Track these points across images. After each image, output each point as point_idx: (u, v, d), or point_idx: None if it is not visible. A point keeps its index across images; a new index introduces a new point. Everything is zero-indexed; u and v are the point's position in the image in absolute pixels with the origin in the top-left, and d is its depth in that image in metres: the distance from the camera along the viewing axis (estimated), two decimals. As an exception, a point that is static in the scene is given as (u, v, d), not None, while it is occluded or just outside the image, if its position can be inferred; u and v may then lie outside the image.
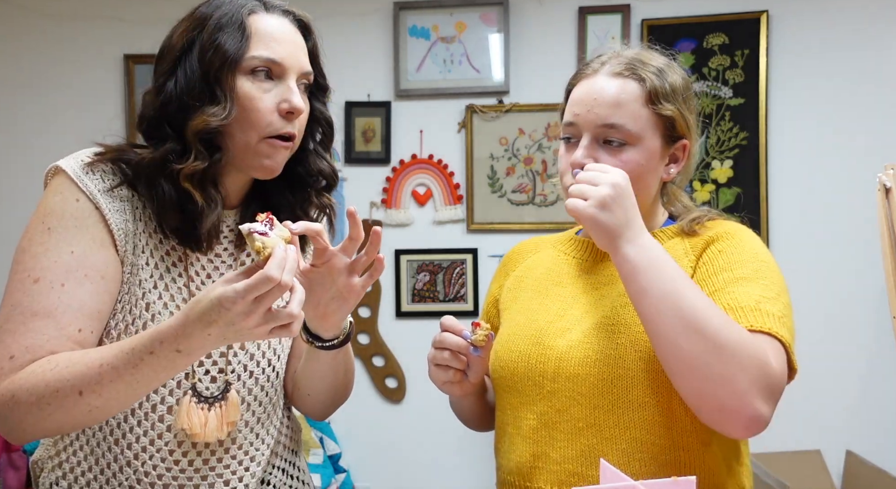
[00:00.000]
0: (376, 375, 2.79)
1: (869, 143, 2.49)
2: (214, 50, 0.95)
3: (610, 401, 1.02)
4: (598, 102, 1.05)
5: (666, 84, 1.07)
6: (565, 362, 1.05)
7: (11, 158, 2.87)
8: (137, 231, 0.99)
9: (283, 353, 1.11)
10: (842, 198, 2.52)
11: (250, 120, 0.97)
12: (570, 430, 1.04)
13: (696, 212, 1.14)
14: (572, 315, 1.10)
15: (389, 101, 2.75)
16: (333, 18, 2.76)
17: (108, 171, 0.98)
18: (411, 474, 2.75)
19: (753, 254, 1.04)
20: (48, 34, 2.84)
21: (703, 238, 1.09)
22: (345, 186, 2.77)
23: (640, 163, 1.05)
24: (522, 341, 1.11)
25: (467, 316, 2.72)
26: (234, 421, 1.02)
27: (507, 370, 1.11)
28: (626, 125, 1.04)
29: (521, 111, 2.69)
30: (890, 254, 1.20)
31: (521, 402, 1.10)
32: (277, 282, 0.79)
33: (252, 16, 0.98)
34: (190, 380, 1.01)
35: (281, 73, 0.98)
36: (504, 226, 2.71)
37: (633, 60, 1.08)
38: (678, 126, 1.08)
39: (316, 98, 1.08)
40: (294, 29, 1.02)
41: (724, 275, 1.02)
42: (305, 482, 1.19)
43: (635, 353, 1.02)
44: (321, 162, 1.10)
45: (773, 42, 2.56)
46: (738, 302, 0.98)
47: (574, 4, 2.67)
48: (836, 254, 2.53)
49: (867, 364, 2.50)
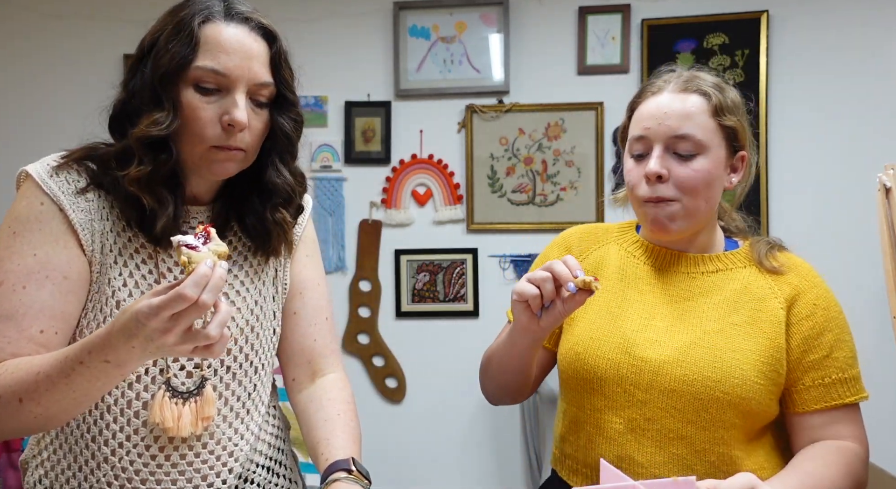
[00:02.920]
0: (376, 375, 2.79)
1: (869, 143, 2.49)
2: (164, 56, 0.95)
3: (705, 418, 1.10)
4: (667, 115, 1.13)
5: (727, 98, 1.16)
6: (661, 376, 1.11)
7: (11, 158, 2.87)
8: (105, 230, 0.99)
9: (263, 348, 1.10)
10: (842, 198, 2.52)
11: (192, 130, 0.96)
12: (659, 439, 1.11)
13: (761, 240, 1.24)
14: (657, 326, 1.15)
15: (389, 101, 2.75)
16: (333, 18, 2.76)
17: (75, 173, 0.99)
18: (411, 474, 2.74)
19: (839, 311, 1.18)
20: (48, 33, 2.84)
21: (787, 282, 1.17)
22: (345, 186, 2.77)
23: (709, 170, 1.13)
24: (609, 348, 1.15)
25: (467, 316, 2.72)
26: (209, 416, 1.02)
27: (593, 374, 1.15)
28: (696, 135, 1.12)
29: (521, 111, 2.69)
30: (890, 254, 1.20)
31: (607, 406, 1.15)
32: (193, 300, 0.77)
33: (206, 24, 0.96)
34: (164, 375, 1.01)
35: (227, 84, 0.96)
36: (504, 226, 2.71)
37: (693, 77, 1.17)
38: (740, 137, 1.17)
39: (279, 110, 1.03)
40: (252, 38, 0.99)
41: (826, 336, 1.14)
42: (294, 481, 1.18)
43: (732, 380, 1.09)
44: (278, 176, 1.06)
45: (773, 42, 2.56)
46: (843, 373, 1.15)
47: (574, 4, 2.67)
48: (835, 254, 2.52)
49: (867, 364, 2.49)
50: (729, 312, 1.14)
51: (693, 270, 1.19)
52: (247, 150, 1.00)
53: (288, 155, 1.07)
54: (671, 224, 1.14)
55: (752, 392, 1.08)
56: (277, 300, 1.14)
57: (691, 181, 1.12)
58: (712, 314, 1.14)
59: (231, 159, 0.99)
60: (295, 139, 1.06)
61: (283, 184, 1.06)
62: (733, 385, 1.08)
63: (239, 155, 0.99)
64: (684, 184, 1.12)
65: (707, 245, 1.22)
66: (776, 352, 1.12)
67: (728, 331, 1.12)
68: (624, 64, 2.64)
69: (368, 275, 2.77)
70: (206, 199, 1.08)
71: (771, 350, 1.11)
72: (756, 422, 1.12)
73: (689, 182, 1.12)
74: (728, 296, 1.16)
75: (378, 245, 2.77)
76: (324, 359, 1.17)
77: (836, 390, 1.13)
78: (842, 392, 1.13)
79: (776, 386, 1.12)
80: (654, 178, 1.12)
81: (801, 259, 1.23)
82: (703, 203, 1.14)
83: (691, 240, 1.20)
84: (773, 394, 1.12)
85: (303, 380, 1.16)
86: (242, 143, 0.98)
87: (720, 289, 1.17)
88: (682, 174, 1.12)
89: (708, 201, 1.14)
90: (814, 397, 1.13)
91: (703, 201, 1.14)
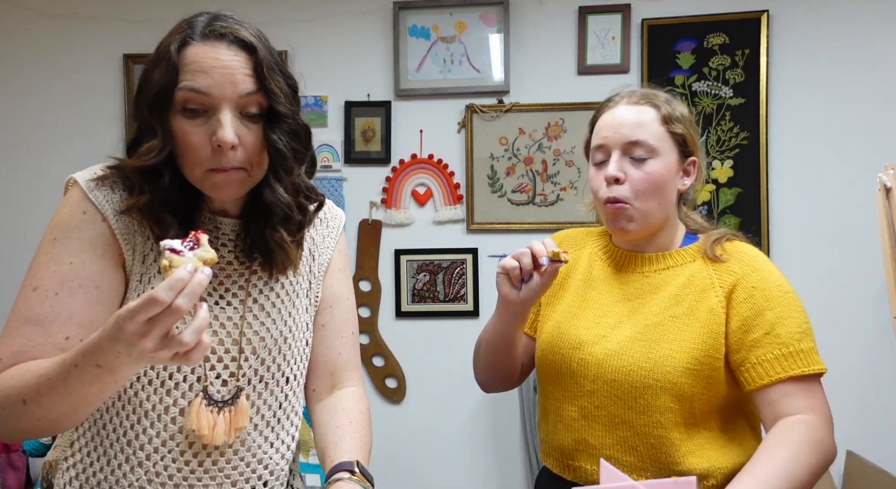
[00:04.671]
0: (376, 375, 2.79)
1: (869, 143, 2.49)
2: (150, 85, 0.96)
3: (641, 404, 1.22)
4: (622, 125, 1.27)
5: (675, 109, 1.30)
6: (604, 369, 1.25)
7: (11, 157, 2.87)
8: (148, 241, 1.01)
9: (295, 360, 1.11)
10: (842, 198, 2.52)
11: (187, 156, 0.97)
12: (607, 424, 1.25)
13: (714, 233, 1.33)
14: (607, 323, 1.29)
15: (389, 100, 2.74)
16: (333, 18, 2.76)
17: (120, 185, 1.01)
18: (411, 474, 2.74)
19: (783, 291, 1.23)
20: (48, 33, 2.84)
21: (728, 270, 1.26)
22: (345, 186, 2.77)
23: (661, 172, 1.26)
24: (565, 345, 1.30)
25: (467, 316, 2.72)
26: (242, 426, 1.03)
27: (553, 368, 1.31)
28: (648, 140, 1.26)
29: (521, 111, 2.69)
30: (890, 254, 1.20)
31: (564, 396, 1.30)
32: (166, 304, 0.77)
33: (184, 48, 0.95)
34: (202, 383, 1.02)
35: (210, 103, 0.95)
36: (504, 226, 2.71)
37: (646, 93, 1.31)
38: (689, 143, 1.30)
39: (269, 124, 0.99)
40: (231, 52, 0.96)
41: (766, 315, 1.21)
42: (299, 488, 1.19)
43: (664, 368, 1.21)
44: (272, 194, 1.03)
45: (773, 42, 2.56)
46: (787, 348, 1.19)
47: (574, 4, 2.67)
48: (836, 254, 2.53)
49: (867, 364, 2.50)
50: (670, 306, 1.26)
51: (647, 269, 1.32)
52: (247, 168, 0.99)
53: (283, 170, 1.03)
54: (628, 224, 1.27)
55: (683, 377, 1.19)
56: (310, 312, 1.15)
57: (645, 182, 1.25)
58: (655, 309, 1.26)
59: (230, 180, 0.98)
60: (288, 154, 1.01)
61: (276, 202, 1.03)
62: (664, 372, 1.20)
63: (238, 175, 0.98)
64: (639, 184, 1.25)
65: (666, 244, 1.33)
66: (710, 339, 1.21)
67: (666, 324, 1.24)
68: (624, 64, 2.64)
69: (368, 275, 2.77)
70: (234, 213, 1.09)
71: (704, 336, 1.21)
72: (693, 406, 1.21)
73: (643, 183, 1.25)
74: (672, 291, 1.27)
75: (378, 245, 2.77)
76: (345, 373, 1.19)
77: (782, 364, 1.18)
78: (789, 365, 1.18)
79: (713, 370, 1.21)
80: (613, 180, 1.26)
81: (750, 247, 1.31)
82: (655, 204, 1.27)
83: (650, 240, 1.32)
84: (710, 379, 1.21)
85: (322, 392, 1.18)
86: (237, 162, 0.97)
87: (667, 285, 1.28)
88: (637, 176, 1.25)
89: (661, 203, 1.27)
90: (760, 373, 1.19)
91: (656, 203, 1.27)
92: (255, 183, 1.02)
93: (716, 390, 1.22)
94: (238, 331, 1.05)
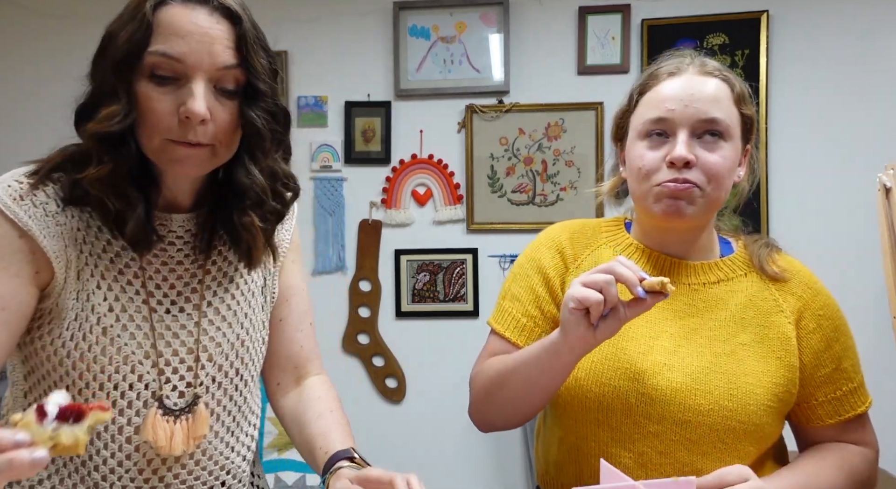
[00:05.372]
0: (376, 375, 2.79)
1: (869, 143, 2.49)
2: (118, 44, 0.88)
3: (720, 450, 1.04)
4: (694, 98, 1.04)
5: (745, 88, 1.10)
6: (674, 406, 1.03)
7: (11, 158, 2.86)
8: (83, 254, 0.93)
9: (252, 361, 1.07)
10: (842, 198, 2.52)
11: (148, 123, 0.88)
12: (673, 474, 1.03)
13: (752, 240, 1.17)
14: (664, 347, 1.07)
15: (389, 100, 2.74)
16: (333, 18, 2.76)
17: (42, 194, 0.92)
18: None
19: (841, 314, 1.14)
20: (48, 34, 2.84)
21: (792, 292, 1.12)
22: (345, 186, 2.77)
23: (733, 159, 1.07)
24: (614, 374, 1.05)
25: (467, 316, 2.72)
26: (201, 435, 0.98)
27: (597, 404, 1.05)
28: (725, 120, 1.05)
29: (521, 111, 2.69)
30: (890, 254, 1.20)
31: (614, 439, 1.06)
32: None
33: (161, 7, 0.87)
34: (155, 396, 0.96)
35: (184, 71, 0.87)
36: (504, 226, 2.71)
37: (716, 65, 1.10)
38: (752, 129, 1.11)
39: (248, 101, 0.92)
40: (214, 19, 0.88)
41: (834, 347, 1.10)
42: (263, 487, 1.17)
43: (748, 407, 1.03)
44: (246, 176, 0.95)
45: (773, 42, 2.56)
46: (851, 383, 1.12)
47: (574, 4, 2.67)
48: (835, 254, 2.52)
49: (867, 364, 2.49)
50: (737, 331, 1.08)
51: (694, 281, 1.11)
52: (214, 145, 0.90)
53: (259, 152, 0.95)
54: (688, 208, 1.04)
55: (767, 417, 1.04)
56: (266, 309, 1.10)
57: (719, 168, 1.04)
58: (720, 333, 1.07)
59: (192, 156, 0.89)
60: (266, 134, 0.93)
61: (251, 184, 0.95)
62: (749, 413, 1.02)
63: (202, 151, 0.89)
64: (712, 171, 1.04)
65: (706, 248, 1.15)
66: (789, 373, 1.07)
67: (739, 354, 1.06)
68: (624, 64, 2.64)
69: (368, 275, 2.77)
70: (188, 205, 1.00)
71: (783, 370, 1.06)
72: (767, 446, 1.08)
73: (716, 169, 1.04)
74: (734, 312, 1.09)
75: (378, 245, 2.77)
76: (310, 363, 1.16)
77: (847, 402, 1.11)
78: (853, 402, 1.11)
79: (787, 406, 1.08)
80: (682, 163, 1.03)
81: (800, 262, 1.18)
82: (722, 194, 1.07)
83: (694, 243, 1.13)
84: (783, 415, 1.10)
85: (288, 385, 1.15)
86: (205, 138, 0.88)
87: (725, 304, 1.10)
88: (711, 160, 1.03)
89: (725, 192, 1.08)
90: (827, 412, 1.10)
91: (724, 192, 1.07)
92: (219, 163, 0.94)
93: (782, 425, 1.09)
94: (193, 339, 0.99)
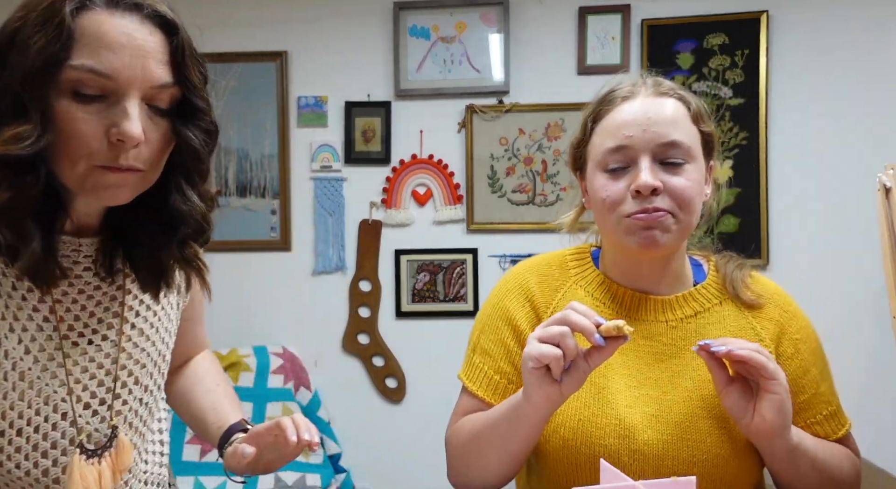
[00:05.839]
0: (376, 375, 2.79)
1: (869, 143, 2.49)
2: (28, 53, 0.73)
3: None
4: (653, 121, 0.99)
5: (700, 104, 1.06)
6: (667, 461, 0.98)
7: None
8: None
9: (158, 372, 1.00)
10: (842, 198, 2.52)
11: (70, 148, 0.76)
12: None
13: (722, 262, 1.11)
14: (649, 396, 1.01)
15: (389, 101, 2.75)
16: (333, 18, 2.76)
17: None
18: (411, 474, 2.74)
19: (815, 335, 1.10)
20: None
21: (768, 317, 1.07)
22: (345, 186, 2.77)
23: (699, 180, 1.01)
24: (603, 433, 0.99)
25: (467, 316, 2.72)
26: (128, 464, 0.92)
27: (588, 464, 0.99)
28: (685, 142, 1.00)
29: (521, 111, 2.69)
30: (890, 254, 1.20)
31: None
32: None
33: (83, 12, 0.75)
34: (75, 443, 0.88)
35: (114, 88, 0.76)
36: (504, 226, 2.71)
37: (660, 82, 1.05)
38: (713, 146, 1.06)
39: (183, 119, 0.82)
40: (146, 29, 0.77)
41: (812, 372, 1.06)
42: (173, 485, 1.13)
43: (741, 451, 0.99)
44: (184, 202, 0.86)
45: (773, 42, 2.56)
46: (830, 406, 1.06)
47: (574, 4, 2.67)
48: (836, 255, 2.53)
49: (867, 364, 2.50)
50: None
51: (671, 317, 1.05)
52: (145, 169, 0.80)
53: (196, 175, 0.86)
54: (663, 236, 0.98)
55: (757, 455, 1.00)
56: (175, 322, 1.02)
57: (688, 191, 0.98)
58: (705, 373, 0.99)
59: (124, 183, 0.79)
60: (205, 155, 0.85)
61: (190, 211, 0.86)
62: (743, 457, 0.98)
63: (132, 177, 0.80)
64: (681, 195, 0.98)
65: (679, 276, 1.08)
66: None
67: None
68: (624, 64, 2.64)
69: (368, 275, 2.77)
70: (97, 227, 0.89)
71: None
72: (755, 481, 1.04)
73: (685, 193, 0.98)
74: None
75: (378, 245, 2.77)
76: (196, 350, 1.13)
77: (828, 426, 1.06)
78: (832, 427, 1.06)
79: None
80: (649, 192, 0.97)
81: (772, 283, 1.13)
82: (694, 218, 1.01)
83: (665, 268, 1.06)
84: None
85: (175, 370, 1.10)
86: (138, 162, 0.79)
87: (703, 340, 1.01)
88: (678, 185, 0.98)
89: (697, 215, 1.02)
90: None
91: (695, 215, 1.02)
92: (147, 187, 0.84)
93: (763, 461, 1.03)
94: (112, 369, 0.91)
